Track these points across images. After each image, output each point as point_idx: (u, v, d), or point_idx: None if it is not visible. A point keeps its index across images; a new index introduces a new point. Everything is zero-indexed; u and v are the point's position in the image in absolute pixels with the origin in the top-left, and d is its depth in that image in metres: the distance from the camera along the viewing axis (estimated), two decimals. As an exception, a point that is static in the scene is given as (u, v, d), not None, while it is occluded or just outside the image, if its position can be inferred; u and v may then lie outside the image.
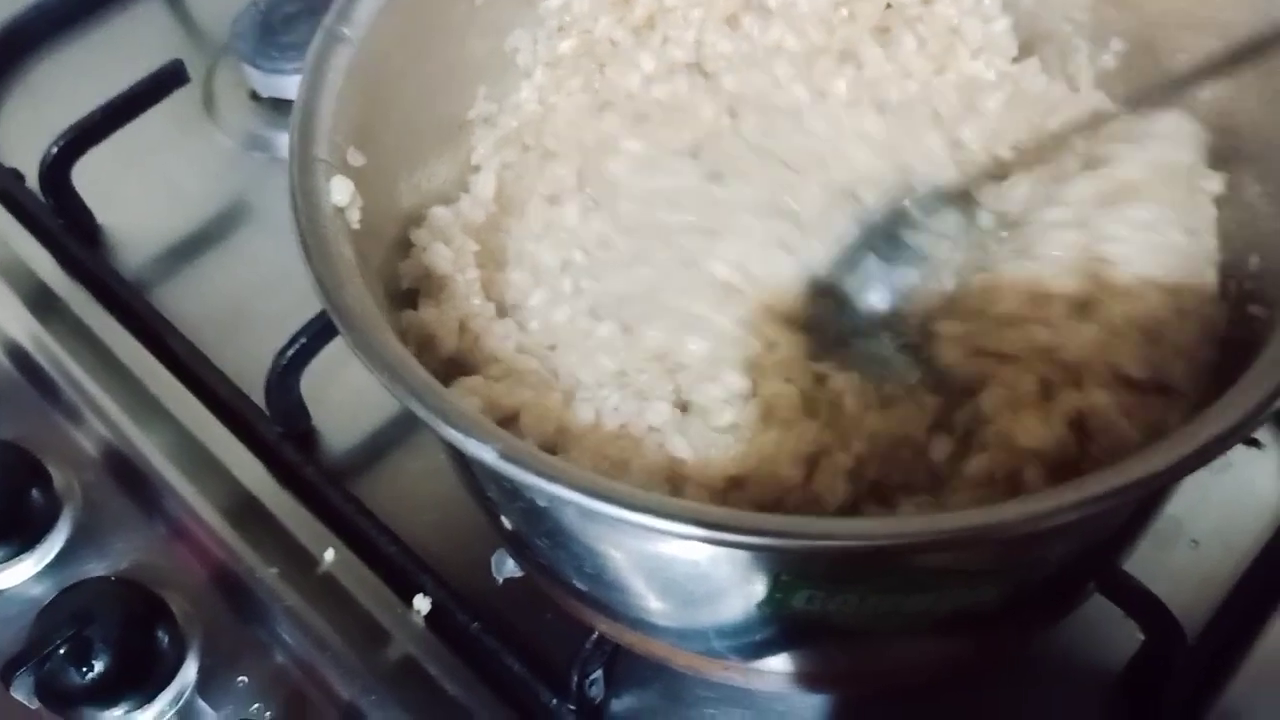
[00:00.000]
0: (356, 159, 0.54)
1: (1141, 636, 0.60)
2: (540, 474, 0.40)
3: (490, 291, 0.62)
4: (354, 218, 0.52)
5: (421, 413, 0.42)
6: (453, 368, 0.59)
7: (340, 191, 0.51)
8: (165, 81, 0.84)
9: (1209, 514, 0.66)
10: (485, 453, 0.40)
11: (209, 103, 0.90)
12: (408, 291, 0.61)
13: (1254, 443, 0.69)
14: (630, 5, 0.69)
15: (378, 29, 0.56)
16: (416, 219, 0.62)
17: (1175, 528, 0.66)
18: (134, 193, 0.86)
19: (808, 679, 0.56)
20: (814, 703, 0.62)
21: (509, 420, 0.55)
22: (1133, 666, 0.60)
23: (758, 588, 0.45)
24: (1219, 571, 0.64)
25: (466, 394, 0.53)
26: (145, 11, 0.98)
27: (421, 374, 0.44)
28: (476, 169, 0.66)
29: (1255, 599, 0.62)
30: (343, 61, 0.55)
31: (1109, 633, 0.61)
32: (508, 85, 0.68)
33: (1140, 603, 0.58)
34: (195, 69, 0.89)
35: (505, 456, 0.40)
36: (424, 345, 0.58)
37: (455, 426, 0.41)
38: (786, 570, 0.43)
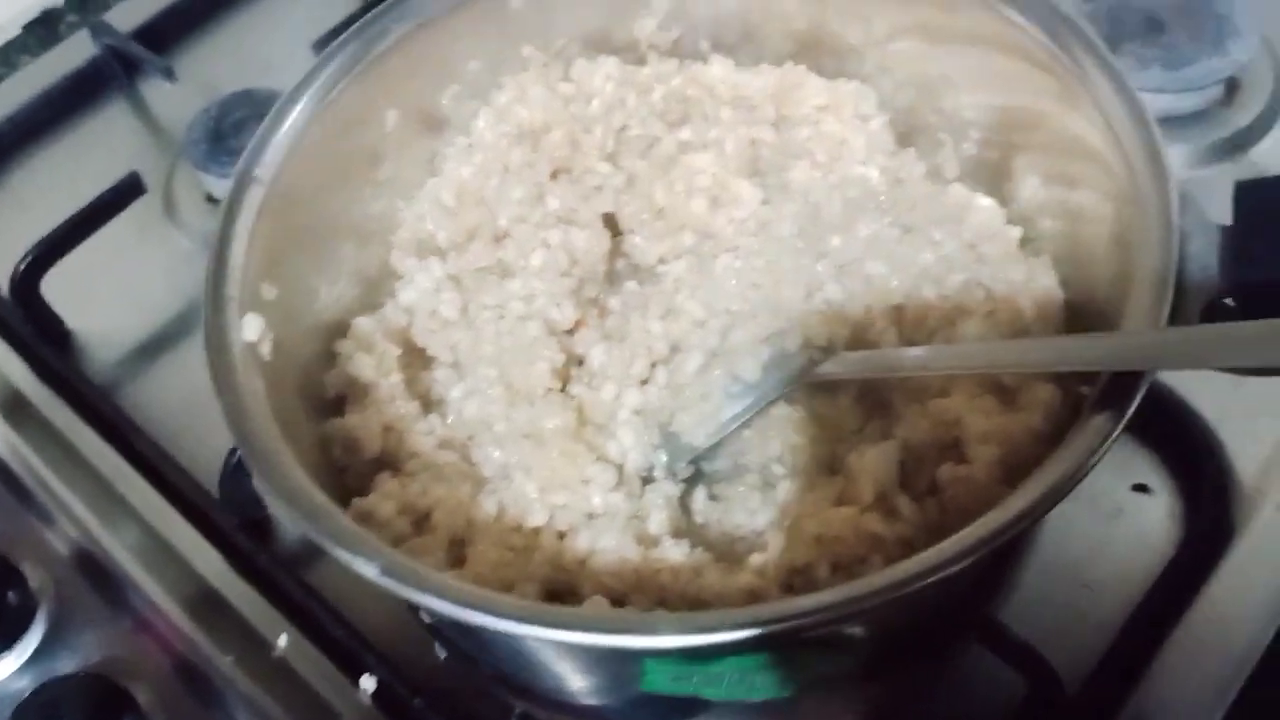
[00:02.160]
0: (269, 292, 0.59)
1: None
2: (415, 588, 0.45)
3: (415, 389, 0.67)
4: (265, 350, 0.57)
5: (314, 536, 0.47)
6: (381, 465, 0.65)
7: (251, 328, 0.56)
8: (124, 193, 0.90)
9: (1101, 560, 0.69)
10: (368, 569, 0.45)
11: (169, 207, 0.95)
12: (337, 398, 0.67)
13: (1144, 488, 0.72)
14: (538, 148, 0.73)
15: (287, 168, 0.61)
16: (341, 329, 0.67)
17: (1069, 574, 0.69)
18: (101, 297, 0.91)
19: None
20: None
21: (424, 518, 0.60)
22: (1017, 716, 0.64)
23: (632, 672, 0.49)
24: (1110, 618, 0.67)
25: (382, 499, 0.58)
26: (109, 119, 1.03)
27: (317, 497, 0.49)
28: (398, 275, 0.71)
29: (1138, 646, 0.65)
30: (255, 200, 0.60)
31: (999, 682, 0.64)
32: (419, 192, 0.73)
33: (1018, 653, 0.62)
34: (157, 173, 0.95)
35: (385, 572, 0.45)
36: (349, 448, 0.63)
37: (343, 547, 0.46)
38: (652, 656, 0.48)
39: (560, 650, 0.50)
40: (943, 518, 0.57)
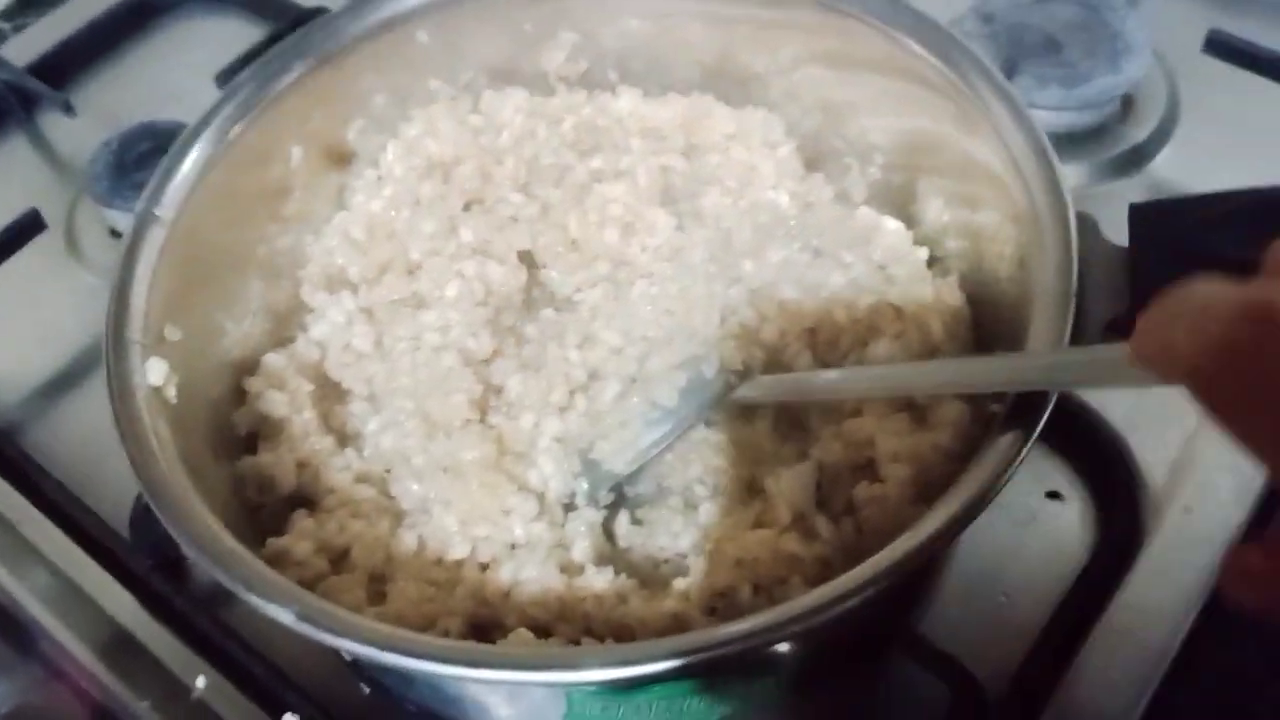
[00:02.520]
0: (173, 333, 0.58)
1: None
2: (332, 632, 0.44)
3: (330, 424, 0.67)
4: (170, 393, 0.56)
5: (226, 582, 0.46)
6: (296, 503, 0.64)
7: (155, 373, 0.55)
8: (24, 230, 0.88)
9: (1018, 567, 0.71)
10: (283, 615, 0.44)
11: (71, 242, 0.93)
12: (248, 436, 0.66)
13: (1056, 495, 0.74)
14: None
15: (189, 207, 0.60)
16: (249, 367, 0.66)
17: (987, 582, 0.71)
18: (6, 337, 0.89)
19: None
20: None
21: (341, 556, 0.59)
22: (946, 720, 0.65)
23: (558, 706, 0.49)
24: (1028, 623, 0.69)
25: (297, 538, 0.57)
26: (8, 154, 1.01)
27: (228, 542, 0.48)
28: (309, 310, 0.70)
29: (1056, 650, 0.67)
30: (157, 240, 0.59)
31: (925, 690, 0.66)
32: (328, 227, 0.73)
33: (939, 662, 0.63)
34: (58, 208, 0.93)
35: (301, 618, 0.44)
36: (264, 487, 0.62)
37: (256, 593, 0.46)
38: (575, 689, 0.48)
39: (485, 687, 0.50)
40: (859, 537, 0.58)
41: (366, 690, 0.68)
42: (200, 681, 0.70)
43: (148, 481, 0.50)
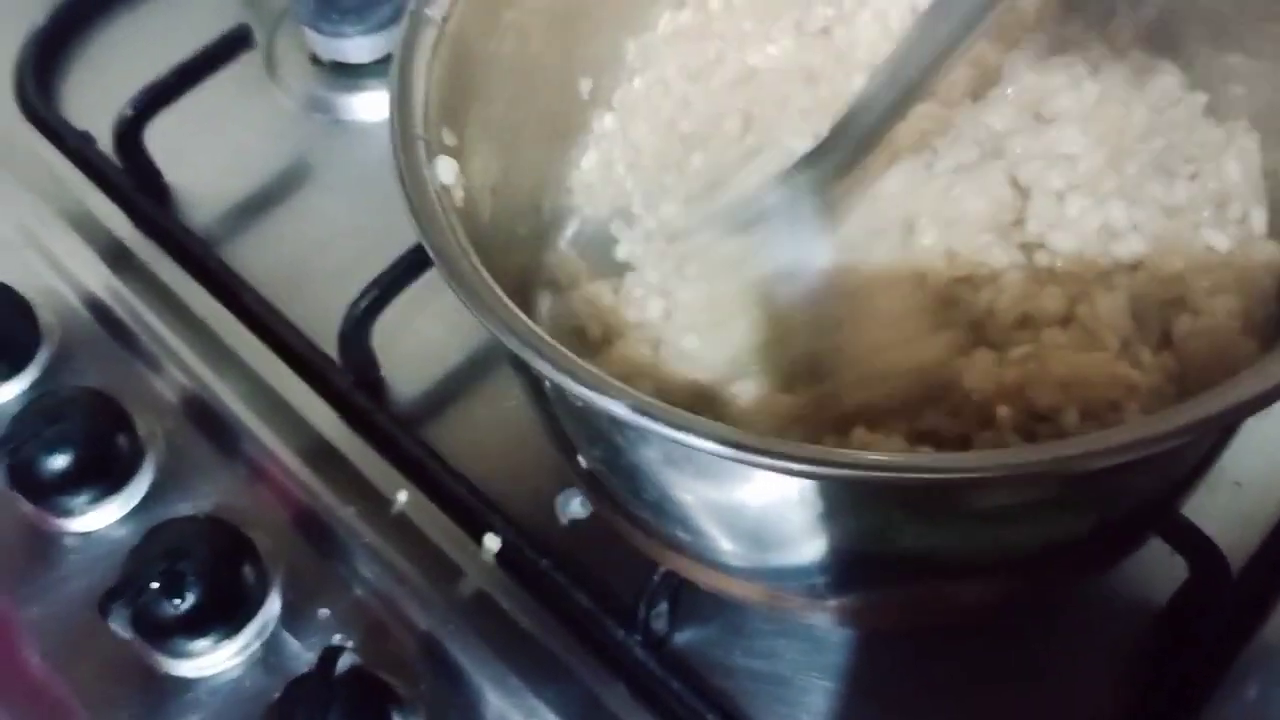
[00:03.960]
0: (450, 139, 0.56)
1: (1184, 574, 0.62)
2: (674, 426, 0.42)
3: None
4: (459, 195, 0.54)
5: (551, 373, 0.44)
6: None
7: (445, 170, 0.53)
8: (232, 45, 0.87)
9: (1251, 457, 0.67)
10: (618, 409, 0.43)
11: (271, 67, 0.93)
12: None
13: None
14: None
15: (457, 7, 0.58)
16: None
17: (1219, 470, 0.67)
18: (200, 154, 0.88)
19: (885, 615, 0.59)
20: (872, 637, 0.64)
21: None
22: (1175, 603, 0.63)
23: (868, 528, 0.47)
24: (1260, 512, 0.66)
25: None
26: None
27: (544, 338, 0.46)
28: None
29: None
30: (428, 42, 0.57)
31: (1151, 571, 0.63)
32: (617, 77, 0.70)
33: (1189, 540, 0.60)
34: (259, 34, 0.91)
35: (638, 410, 0.43)
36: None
37: (586, 385, 0.44)
38: (901, 508, 0.46)
39: (793, 502, 0.47)
40: (1184, 374, 0.54)
41: (567, 519, 0.68)
42: (401, 496, 0.69)
43: (456, 273, 0.48)
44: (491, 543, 0.67)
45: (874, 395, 0.55)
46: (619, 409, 0.43)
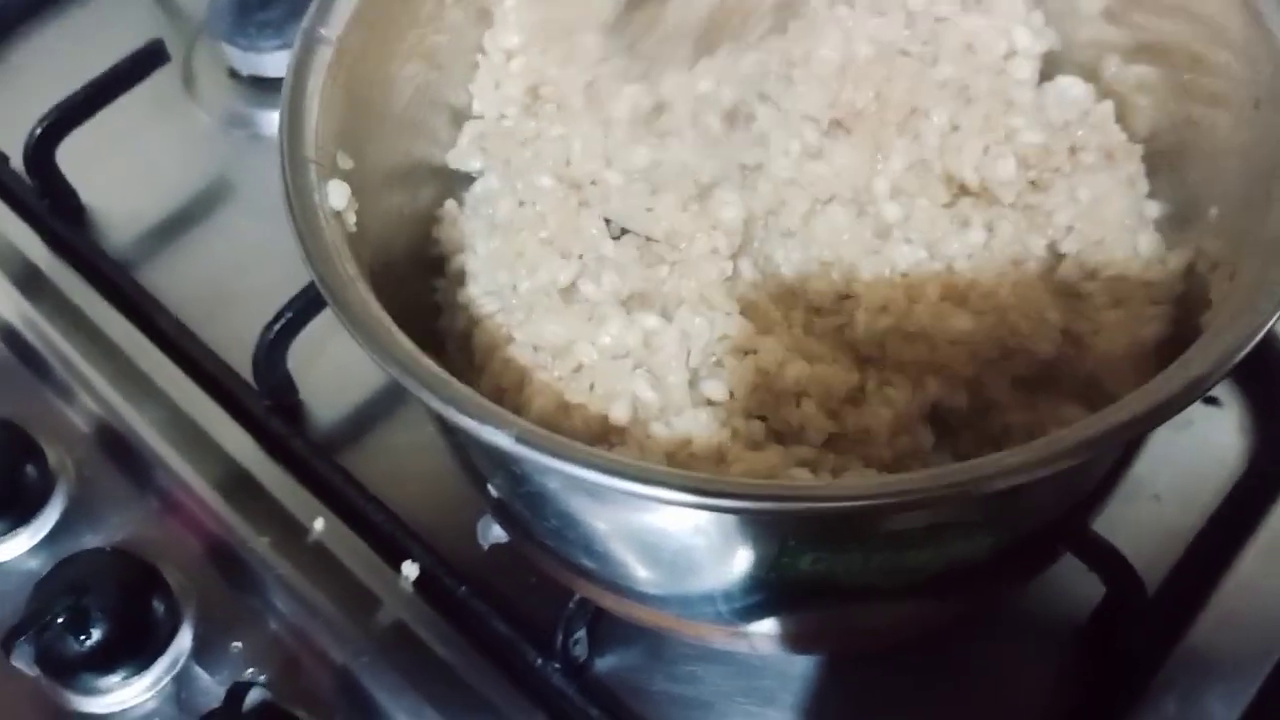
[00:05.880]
0: (345, 162, 0.55)
1: (1103, 589, 0.62)
2: (558, 457, 0.41)
3: None
4: (350, 220, 0.53)
5: (436, 404, 0.43)
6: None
7: (336, 195, 0.52)
8: (147, 61, 0.85)
9: (1170, 470, 0.68)
10: (501, 439, 0.42)
11: (189, 81, 0.91)
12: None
13: (1213, 401, 0.71)
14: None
15: (354, 27, 0.57)
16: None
17: (1137, 484, 0.68)
18: (117, 172, 0.87)
19: (797, 640, 0.58)
20: (794, 659, 0.64)
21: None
22: (1095, 619, 0.63)
23: (764, 554, 0.47)
24: (1179, 526, 0.67)
25: None
26: (125, -11, 0.98)
27: (426, 362, 0.45)
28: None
29: (1214, 552, 0.65)
30: (324, 61, 0.56)
31: (1070, 587, 0.63)
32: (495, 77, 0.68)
33: (1103, 557, 0.60)
34: (175, 48, 0.89)
35: (522, 440, 0.42)
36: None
37: (470, 415, 0.43)
38: (795, 535, 0.45)
39: (687, 531, 0.47)
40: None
41: (488, 544, 0.67)
42: (318, 524, 0.68)
43: (340, 301, 0.47)
44: (410, 570, 0.66)
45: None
46: (501, 439, 0.42)
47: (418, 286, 0.63)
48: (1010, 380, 0.58)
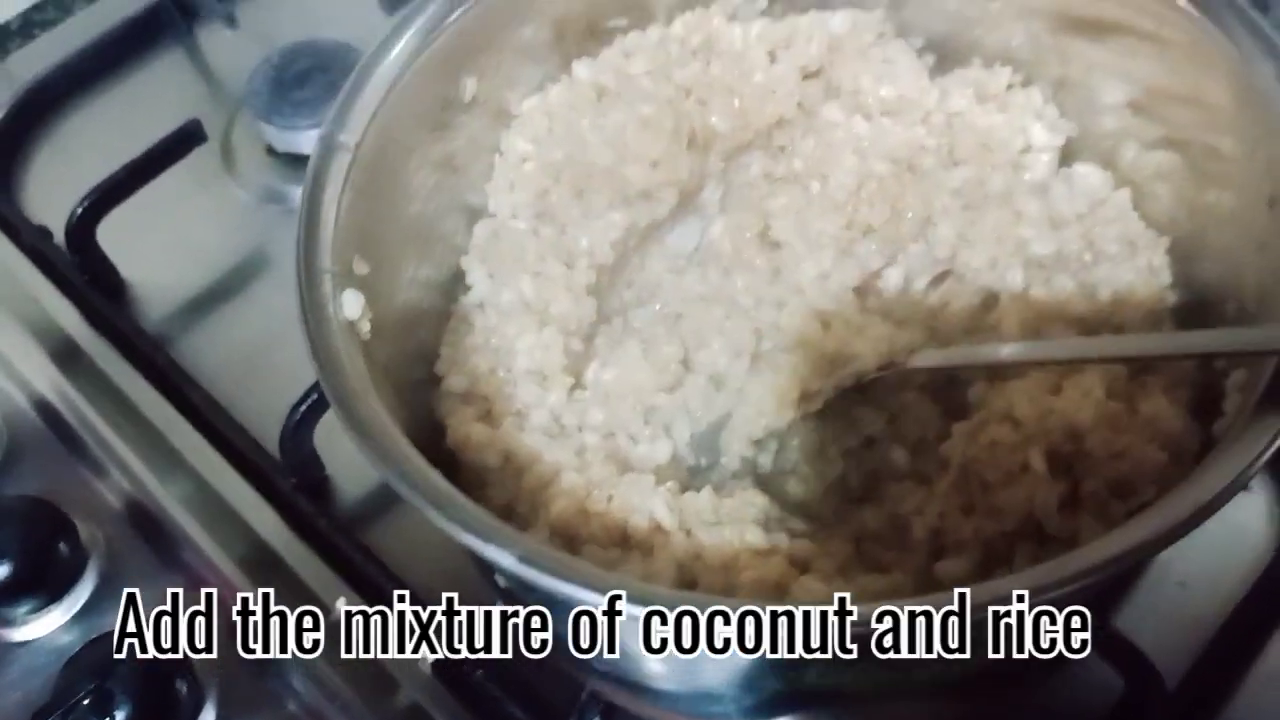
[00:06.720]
0: (361, 267, 0.56)
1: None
2: (559, 577, 0.42)
3: None
4: (364, 329, 0.54)
5: (440, 522, 0.44)
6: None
7: (351, 305, 0.53)
8: (185, 140, 0.87)
9: (1197, 556, 0.67)
10: (505, 559, 0.42)
11: (227, 158, 0.93)
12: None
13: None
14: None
15: (373, 133, 0.58)
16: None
17: (1163, 570, 0.67)
18: (156, 247, 0.89)
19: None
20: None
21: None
22: (1115, 715, 0.62)
23: (773, 668, 0.47)
24: (1205, 613, 0.66)
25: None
26: (166, 67, 1.00)
27: (435, 479, 0.46)
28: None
29: (1239, 643, 0.64)
30: (342, 167, 0.57)
31: (1091, 680, 0.62)
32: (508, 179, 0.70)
33: (1119, 651, 0.59)
34: (214, 124, 0.92)
35: (524, 560, 0.42)
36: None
37: (474, 534, 0.43)
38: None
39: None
40: None
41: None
42: (340, 603, 0.69)
43: (352, 418, 0.48)
44: (428, 653, 0.66)
45: None
46: (505, 559, 0.43)
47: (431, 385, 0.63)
48: None
